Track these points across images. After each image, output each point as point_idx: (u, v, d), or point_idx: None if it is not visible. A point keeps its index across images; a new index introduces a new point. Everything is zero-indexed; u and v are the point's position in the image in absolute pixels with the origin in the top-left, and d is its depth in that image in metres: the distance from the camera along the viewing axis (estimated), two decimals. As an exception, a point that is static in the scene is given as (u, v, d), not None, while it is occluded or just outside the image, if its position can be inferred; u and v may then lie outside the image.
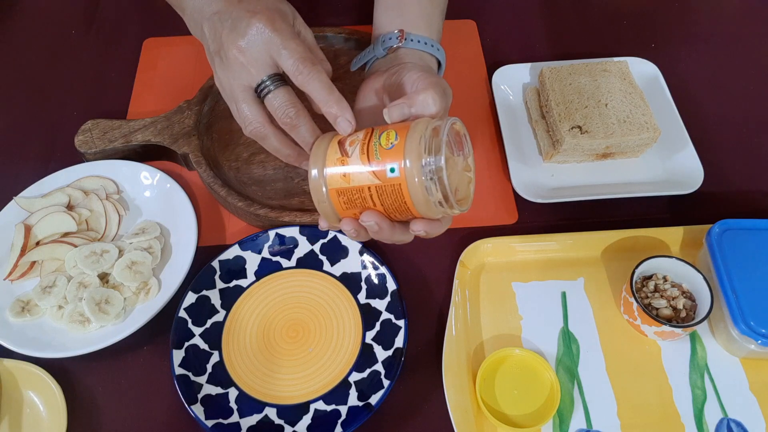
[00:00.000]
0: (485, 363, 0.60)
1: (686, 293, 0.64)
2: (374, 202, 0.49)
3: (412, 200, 0.48)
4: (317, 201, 0.52)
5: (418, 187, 0.47)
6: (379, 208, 0.50)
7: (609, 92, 0.76)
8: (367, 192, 0.49)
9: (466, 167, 0.53)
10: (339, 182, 0.49)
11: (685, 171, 0.73)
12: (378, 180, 0.48)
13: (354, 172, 0.49)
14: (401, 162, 0.47)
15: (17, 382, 0.61)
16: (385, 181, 0.48)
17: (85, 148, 0.75)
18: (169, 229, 0.71)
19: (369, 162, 0.48)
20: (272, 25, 0.53)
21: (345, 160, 0.49)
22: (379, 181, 0.48)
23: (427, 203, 0.48)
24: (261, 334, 0.65)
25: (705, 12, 0.94)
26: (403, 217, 0.51)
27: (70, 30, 0.93)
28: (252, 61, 0.53)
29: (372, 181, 0.48)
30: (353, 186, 0.49)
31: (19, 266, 0.66)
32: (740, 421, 0.59)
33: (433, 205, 0.48)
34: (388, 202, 0.49)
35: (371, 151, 0.48)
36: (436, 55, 0.64)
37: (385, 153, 0.48)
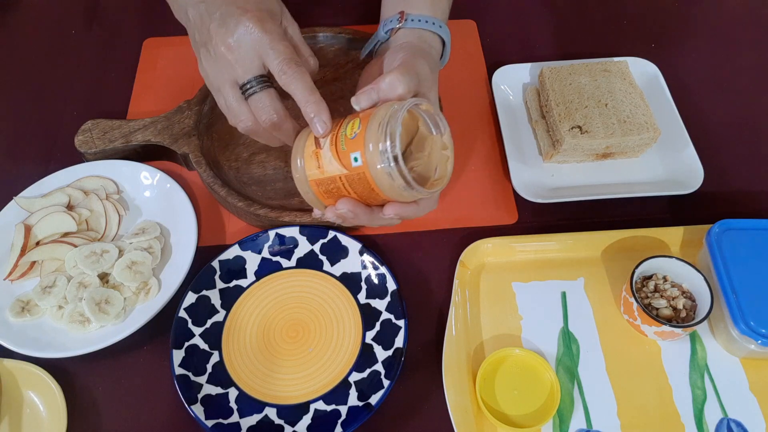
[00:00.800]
0: (485, 363, 0.60)
1: (686, 293, 0.64)
2: (348, 190, 0.51)
3: (379, 186, 0.49)
4: (302, 192, 0.54)
5: (381, 174, 0.48)
6: (354, 195, 0.52)
7: (609, 92, 0.76)
8: (339, 182, 0.51)
9: (443, 146, 0.53)
10: (315, 173, 0.52)
11: (685, 171, 0.73)
12: (345, 169, 0.50)
13: (325, 163, 0.51)
14: (362, 150, 0.48)
15: (17, 382, 0.61)
16: (352, 170, 0.49)
17: (85, 148, 0.75)
18: (169, 229, 0.71)
19: (336, 152, 0.50)
20: (261, 25, 0.53)
21: (318, 153, 0.52)
22: (346, 170, 0.50)
23: (392, 188, 0.49)
24: (261, 334, 0.65)
25: (705, 12, 0.94)
26: (378, 202, 0.52)
27: (70, 30, 0.93)
28: (240, 59, 0.54)
29: (341, 171, 0.50)
30: (327, 176, 0.51)
31: (19, 266, 0.66)
32: (740, 421, 0.59)
33: (399, 189, 0.49)
34: (359, 190, 0.50)
35: (338, 142, 0.50)
36: (438, 33, 0.63)
37: (350, 142, 0.49)
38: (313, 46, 0.85)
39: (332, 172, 0.50)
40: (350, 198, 0.52)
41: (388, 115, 0.48)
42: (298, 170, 0.53)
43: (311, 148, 0.52)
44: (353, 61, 0.84)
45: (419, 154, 0.53)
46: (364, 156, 0.48)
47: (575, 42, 0.89)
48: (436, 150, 0.52)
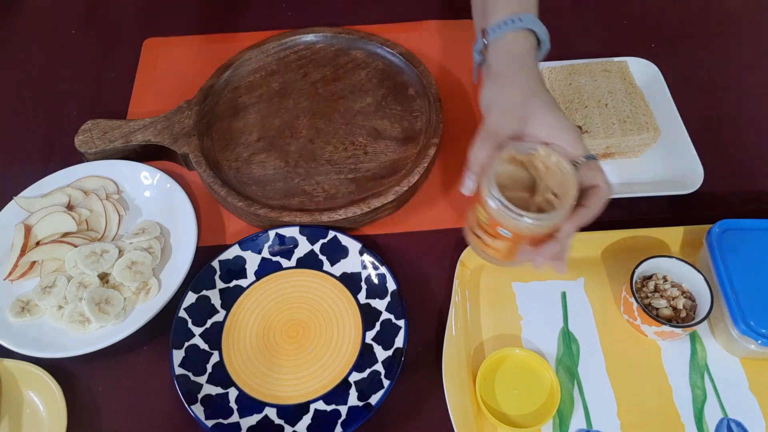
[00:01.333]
0: (485, 363, 0.60)
1: (686, 293, 0.64)
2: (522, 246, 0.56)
3: (528, 233, 0.54)
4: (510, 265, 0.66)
5: (511, 221, 0.53)
6: (531, 245, 0.56)
7: (609, 92, 0.76)
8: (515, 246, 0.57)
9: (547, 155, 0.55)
10: (499, 256, 0.59)
11: (685, 171, 0.73)
12: (509, 240, 0.55)
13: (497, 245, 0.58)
14: (498, 222, 0.54)
15: (17, 382, 0.61)
16: (512, 239, 0.55)
17: (85, 148, 0.75)
18: (169, 229, 0.71)
19: (493, 236, 0.57)
20: None
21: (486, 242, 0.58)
22: (510, 240, 0.55)
23: (529, 227, 0.53)
24: (261, 334, 0.65)
25: (705, 12, 0.94)
26: (547, 237, 0.55)
27: (70, 30, 0.93)
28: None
29: (508, 243, 0.56)
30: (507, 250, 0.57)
31: (19, 266, 0.66)
32: (740, 421, 0.59)
33: (531, 224, 0.53)
34: (528, 241, 0.55)
35: (487, 231, 0.57)
36: (530, 27, 0.61)
37: (489, 225, 0.56)
38: (313, 46, 0.85)
39: (505, 246, 0.57)
40: (531, 248, 0.56)
41: (485, 188, 0.54)
42: (489, 259, 0.60)
43: (479, 243, 0.59)
44: (353, 61, 0.84)
45: (539, 174, 0.56)
46: (501, 224, 0.54)
47: (575, 42, 0.89)
48: (552, 164, 0.55)
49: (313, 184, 0.73)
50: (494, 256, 0.59)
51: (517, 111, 0.57)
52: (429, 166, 0.73)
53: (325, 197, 0.72)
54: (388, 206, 0.71)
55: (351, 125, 0.78)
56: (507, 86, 0.59)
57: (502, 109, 0.58)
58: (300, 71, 0.83)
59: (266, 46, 0.84)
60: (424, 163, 0.72)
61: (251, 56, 0.83)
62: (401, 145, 0.76)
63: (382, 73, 0.83)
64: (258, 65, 0.84)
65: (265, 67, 0.84)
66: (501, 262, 0.60)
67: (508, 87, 0.59)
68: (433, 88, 0.79)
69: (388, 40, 0.84)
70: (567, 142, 0.55)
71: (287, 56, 0.85)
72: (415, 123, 0.78)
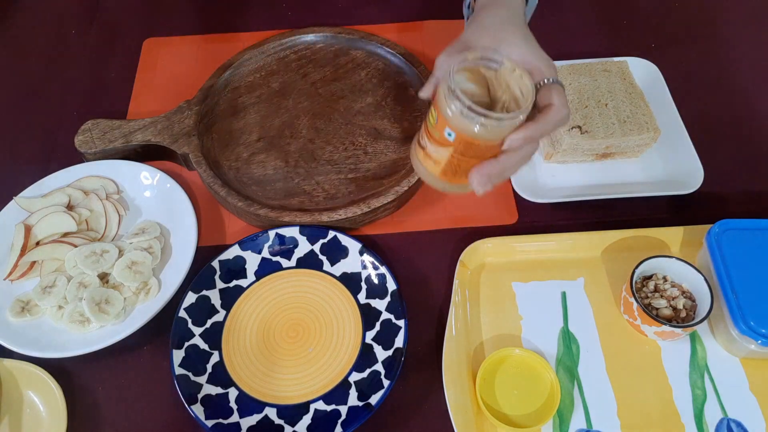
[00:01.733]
0: (485, 363, 0.60)
1: (686, 293, 0.64)
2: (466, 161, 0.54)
3: (477, 137, 0.52)
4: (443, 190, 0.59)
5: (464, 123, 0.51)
6: (475, 161, 0.54)
7: (609, 92, 0.76)
8: (455, 160, 0.54)
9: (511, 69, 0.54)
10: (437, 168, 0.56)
11: (685, 171, 0.73)
12: (451, 147, 0.53)
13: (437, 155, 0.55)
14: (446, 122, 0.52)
15: (17, 382, 0.61)
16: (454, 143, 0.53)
17: (85, 148, 0.75)
18: (169, 229, 0.71)
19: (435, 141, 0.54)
20: None
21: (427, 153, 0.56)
22: (452, 147, 0.53)
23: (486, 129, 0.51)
24: (261, 334, 0.65)
25: (705, 12, 0.94)
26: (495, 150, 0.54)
27: (70, 30, 0.93)
28: None
29: (449, 151, 0.54)
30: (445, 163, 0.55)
31: (19, 266, 0.66)
32: (740, 421, 0.59)
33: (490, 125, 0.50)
34: (472, 153, 0.53)
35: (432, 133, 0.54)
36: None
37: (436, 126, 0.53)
38: (312, 46, 0.85)
39: (445, 156, 0.54)
40: (474, 166, 0.54)
41: (443, 85, 0.52)
42: (427, 177, 0.58)
43: (421, 154, 0.57)
44: (353, 61, 0.84)
45: (499, 93, 0.55)
46: (449, 124, 0.52)
47: (575, 42, 0.89)
48: (514, 79, 0.54)
49: (313, 184, 0.73)
50: (433, 172, 0.57)
51: (493, 30, 0.57)
52: (429, 166, 0.73)
53: (325, 197, 0.72)
54: (388, 206, 0.71)
55: (351, 125, 0.78)
56: (488, 14, 0.59)
57: (479, 27, 0.58)
58: (300, 71, 0.83)
59: (266, 46, 0.84)
60: (424, 163, 0.72)
61: (251, 56, 0.83)
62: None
63: (382, 73, 0.83)
64: (258, 65, 0.84)
65: (265, 67, 0.84)
66: (438, 180, 0.58)
67: (488, 14, 0.59)
68: (433, 88, 0.79)
69: (388, 40, 0.84)
70: (537, 69, 0.55)
71: (287, 56, 0.85)
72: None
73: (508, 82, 0.54)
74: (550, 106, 0.54)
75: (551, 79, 0.55)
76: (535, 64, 0.55)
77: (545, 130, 0.54)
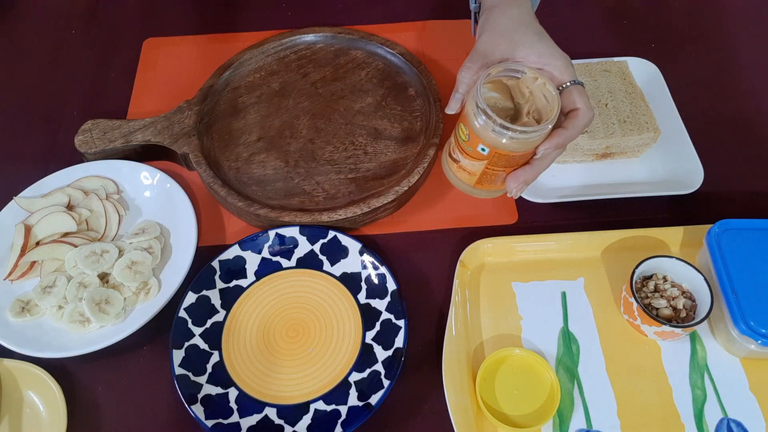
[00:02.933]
0: (485, 363, 0.60)
1: (686, 293, 0.64)
2: (500, 171, 0.58)
3: (509, 150, 0.54)
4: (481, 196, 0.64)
5: (494, 138, 0.54)
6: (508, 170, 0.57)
7: (609, 92, 0.76)
8: (490, 171, 0.58)
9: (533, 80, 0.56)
10: (473, 179, 0.60)
11: (685, 171, 0.73)
12: (485, 160, 0.56)
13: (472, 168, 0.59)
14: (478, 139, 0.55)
15: (17, 382, 0.61)
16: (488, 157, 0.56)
17: (85, 148, 0.75)
18: (169, 229, 0.71)
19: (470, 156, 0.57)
20: None
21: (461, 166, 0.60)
22: (486, 160, 0.56)
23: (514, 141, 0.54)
24: (261, 334, 0.65)
25: (705, 12, 0.94)
26: (526, 158, 0.57)
27: (70, 30, 0.93)
28: None
29: (483, 164, 0.57)
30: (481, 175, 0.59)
31: (19, 266, 0.66)
32: (740, 421, 0.59)
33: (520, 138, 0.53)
34: (505, 164, 0.56)
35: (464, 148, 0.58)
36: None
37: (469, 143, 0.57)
38: (312, 46, 0.85)
39: (480, 168, 0.57)
40: (510, 173, 0.57)
41: (471, 102, 0.54)
42: (461, 185, 0.62)
43: (454, 167, 0.60)
44: (353, 61, 0.84)
45: (523, 101, 0.56)
46: (482, 140, 0.54)
47: (575, 42, 0.89)
48: (537, 87, 0.56)
49: (313, 184, 0.73)
50: (467, 182, 0.60)
51: (508, 36, 0.58)
52: (429, 166, 0.73)
53: (325, 197, 0.72)
54: (388, 206, 0.71)
55: (351, 125, 0.78)
56: (499, 15, 0.60)
57: (492, 34, 0.59)
58: (300, 71, 0.83)
59: (266, 46, 0.84)
60: (424, 163, 0.72)
61: (251, 56, 0.83)
62: (401, 145, 0.76)
63: (382, 73, 0.83)
64: (258, 65, 0.84)
65: (265, 67, 0.84)
66: (473, 189, 0.61)
67: (500, 16, 0.60)
68: (433, 88, 0.79)
69: (388, 40, 0.84)
70: (556, 68, 0.57)
71: (287, 56, 0.85)
72: (415, 123, 0.78)
73: (531, 90, 0.56)
74: (576, 111, 0.56)
75: (571, 81, 0.56)
76: (553, 64, 0.57)
77: (574, 135, 0.56)
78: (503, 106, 0.58)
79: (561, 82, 0.57)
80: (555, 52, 0.58)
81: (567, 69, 0.57)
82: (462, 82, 0.58)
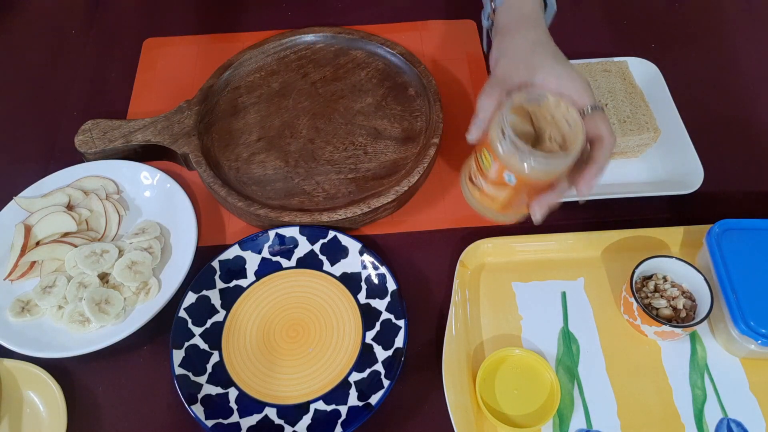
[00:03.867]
0: (485, 363, 0.60)
1: (686, 293, 0.64)
2: (524, 197, 0.57)
3: (533, 178, 0.54)
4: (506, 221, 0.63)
5: (521, 165, 0.53)
6: (534, 194, 0.56)
7: (609, 92, 0.76)
8: (515, 197, 0.57)
9: (555, 104, 0.55)
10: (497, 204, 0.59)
11: (685, 171, 0.73)
12: (509, 188, 0.56)
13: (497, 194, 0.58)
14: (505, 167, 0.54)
15: (17, 382, 0.61)
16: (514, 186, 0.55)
17: (85, 148, 0.75)
18: (169, 229, 0.71)
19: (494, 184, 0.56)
20: None
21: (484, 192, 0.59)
22: (511, 188, 0.55)
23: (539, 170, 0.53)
24: (261, 334, 0.65)
25: (705, 12, 0.94)
26: (549, 185, 0.56)
27: (70, 30, 0.93)
28: None
29: (509, 191, 0.56)
30: (506, 200, 0.58)
31: (19, 266, 0.66)
32: (740, 421, 0.59)
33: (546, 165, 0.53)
34: (530, 190, 0.56)
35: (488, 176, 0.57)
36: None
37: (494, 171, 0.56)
38: (312, 46, 0.85)
39: (505, 195, 0.57)
40: (535, 198, 0.56)
41: (496, 130, 0.53)
42: (484, 211, 0.61)
43: (477, 193, 0.59)
44: (353, 61, 0.84)
45: (545, 126, 0.56)
46: (508, 168, 0.54)
47: (575, 42, 0.89)
48: (559, 112, 0.55)
49: (313, 184, 0.73)
50: (490, 207, 0.59)
51: (526, 60, 0.58)
52: (429, 166, 0.73)
53: (325, 197, 0.72)
54: (388, 206, 0.71)
55: (351, 125, 0.78)
56: (516, 39, 0.60)
57: (511, 59, 0.59)
58: (300, 71, 0.83)
59: (266, 46, 0.84)
60: (424, 163, 0.72)
61: (251, 56, 0.83)
62: (401, 145, 0.76)
63: (382, 73, 0.83)
64: (258, 65, 0.84)
65: (265, 67, 0.84)
66: (496, 214, 0.60)
67: (516, 39, 0.60)
68: (433, 88, 0.79)
69: (388, 40, 0.84)
70: (575, 91, 0.56)
71: (287, 56, 0.85)
72: (415, 123, 0.78)
73: (554, 115, 0.56)
74: (601, 139, 0.56)
75: (592, 105, 0.56)
76: (573, 88, 0.56)
77: (604, 165, 0.56)
78: (523, 129, 0.57)
79: (581, 106, 0.56)
80: (573, 75, 0.57)
81: (586, 92, 0.57)
82: (483, 108, 0.58)
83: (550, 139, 0.56)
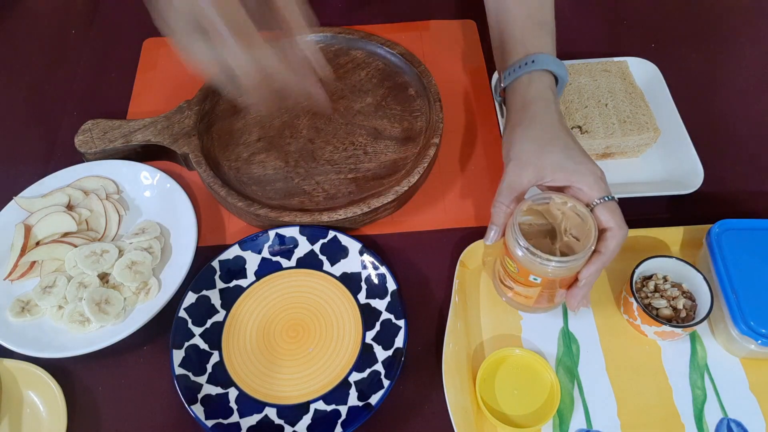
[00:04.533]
0: (485, 363, 0.60)
1: (686, 293, 0.64)
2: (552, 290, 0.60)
3: (557, 277, 0.57)
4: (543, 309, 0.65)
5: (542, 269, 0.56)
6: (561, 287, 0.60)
7: (609, 92, 0.77)
8: (544, 292, 0.60)
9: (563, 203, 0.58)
10: (530, 300, 0.62)
11: (685, 171, 0.73)
12: (539, 286, 0.59)
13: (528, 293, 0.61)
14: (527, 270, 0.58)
15: (17, 382, 0.61)
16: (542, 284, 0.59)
17: (85, 148, 0.75)
18: (169, 229, 0.71)
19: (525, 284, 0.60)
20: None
21: (517, 292, 0.62)
22: (539, 286, 0.59)
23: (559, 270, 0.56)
24: (261, 334, 0.65)
25: (705, 12, 0.94)
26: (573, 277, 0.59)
27: (70, 30, 0.93)
28: None
29: (538, 289, 0.60)
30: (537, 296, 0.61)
31: (19, 266, 0.66)
32: (740, 421, 0.59)
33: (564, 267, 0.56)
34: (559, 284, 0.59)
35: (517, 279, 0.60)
36: (544, 68, 0.64)
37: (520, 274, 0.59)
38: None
39: (535, 292, 0.60)
40: (567, 294, 0.60)
41: (512, 240, 0.57)
42: (520, 307, 0.65)
43: (511, 293, 0.63)
44: (353, 61, 0.84)
45: (560, 219, 0.59)
46: (532, 272, 0.57)
47: (575, 42, 0.89)
48: (569, 208, 0.58)
49: (313, 184, 0.73)
50: (526, 304, 0.63)
51: (533, 162, 0.59)
52: (429, 166, 0.73)
53: (325, 197, 0.72)
54: (388, 206, 0.71)
55: (351, 125, 0.78)
56: (522, 137, 0.61)
57: (519, 162, 0.60)
58: (300, 71, 0.83)
59: (266, 46, 0.84)
60: (424, 163, 0.72)
61: (251, 56, 0.83)
62: (401, 145, 0.76)
63: (382, 73, 0.83)
64: (258, 65, 0.84)
65: (265, 67, 0.83)
66: (535, 308, 0.64)
67: (523, 138, 0.61)
68: (433, 88, 0.79)
69: (388, 40, 0.84)
70: (585, 185, 0.57)
71: (287, 56, 0.85)
72: (415, 123, 0.78)
73: (563, 211, 0.58)
74: (610, 231, 0.57)
75: (600, 198, 0.57)
76: (583, 182, 0.58)
77: (610, 257, 0.57)
78: (539, 224, 0.59)
79: (591, 199, 0.57)
80: (583, 169, 0.58)
81: (596, 184, 0.57)
82: (496, 215, 0.60)
83: (566, 231, 0.58)
